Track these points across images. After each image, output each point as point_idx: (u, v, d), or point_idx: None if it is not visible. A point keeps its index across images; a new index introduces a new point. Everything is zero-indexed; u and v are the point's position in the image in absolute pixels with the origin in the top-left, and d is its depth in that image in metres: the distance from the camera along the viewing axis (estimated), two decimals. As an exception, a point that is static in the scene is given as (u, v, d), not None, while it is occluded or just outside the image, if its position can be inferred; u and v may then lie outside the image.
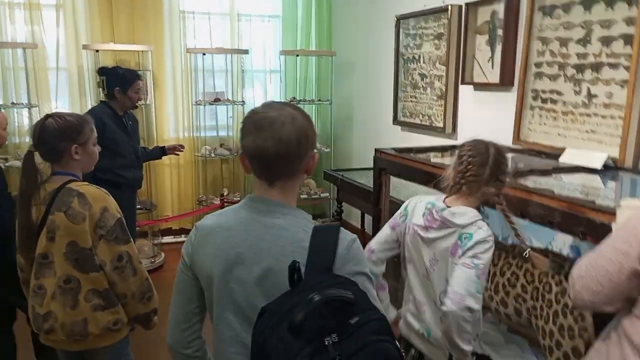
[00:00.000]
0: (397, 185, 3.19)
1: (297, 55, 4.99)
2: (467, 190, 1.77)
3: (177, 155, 4.13)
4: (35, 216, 1.85)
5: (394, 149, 3.03)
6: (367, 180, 4.11)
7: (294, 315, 1.01)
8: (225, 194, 4.88)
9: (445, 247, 1.76)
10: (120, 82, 3.45)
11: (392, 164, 2.93)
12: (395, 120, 4.40)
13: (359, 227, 4.71)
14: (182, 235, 5.32)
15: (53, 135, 1.84)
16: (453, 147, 2.37)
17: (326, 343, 0.99)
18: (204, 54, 4.59)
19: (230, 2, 5.08)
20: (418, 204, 1.91)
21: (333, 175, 4.35)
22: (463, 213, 1.75)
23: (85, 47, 4.25)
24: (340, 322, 1.02)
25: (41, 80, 4.43)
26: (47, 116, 1.89)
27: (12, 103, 4.25)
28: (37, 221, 1.85)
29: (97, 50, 4.20)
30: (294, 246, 1.18)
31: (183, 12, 4.94)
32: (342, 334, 1.01)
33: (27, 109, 4.24)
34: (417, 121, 4.14)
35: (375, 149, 3.07)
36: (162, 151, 3.95)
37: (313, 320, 1.01)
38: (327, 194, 5.17)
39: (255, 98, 5.25)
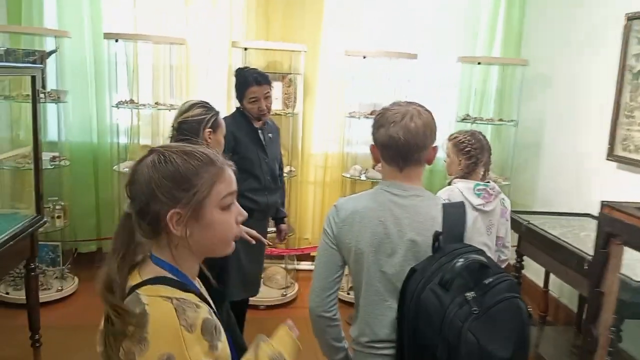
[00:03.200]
0: (631, 260, 2.15)
1: (479, 63, 4.03)
2: (477, 171, 2.46)
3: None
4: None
5: (637, 206, 1.99)
6: (561, 233, 3.05)
7: (444, 274, 1.29)
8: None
9: (498, 212, 2.44)
10: (236, 88, 2.78)
11: (631, 229, 1.90)
12: (611, 155, 3.24)
13: (542, 286, 3.62)
14: (320, 263, 4.68)
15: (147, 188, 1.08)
16: None
17: (467, 298, 1.27)
18: (364, 57, 3.86)
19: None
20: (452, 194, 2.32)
21: (514, 219, 3.33)
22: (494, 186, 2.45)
23: (234, 44, 3.79)
24: (476, 282, 1.30)
25: (188, 80, 4.09)
26: (151, 151, 1.09)
27: (156, 103, 3.94)
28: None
29: (245, 49, 3.70)
30: (430, 221, 1.45)
31: (344, 9, 4.28)
32: (479, 291, 1.28)
33: (168, 110, 3.89)
34: (648, 159, 2.96)
35: (602, 203, 2.05)
36: (279, 216, 3.17)
37: (457, 279, 1.28)
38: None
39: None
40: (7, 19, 3.87)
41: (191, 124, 2.09)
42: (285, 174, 4.02)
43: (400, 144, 1.43)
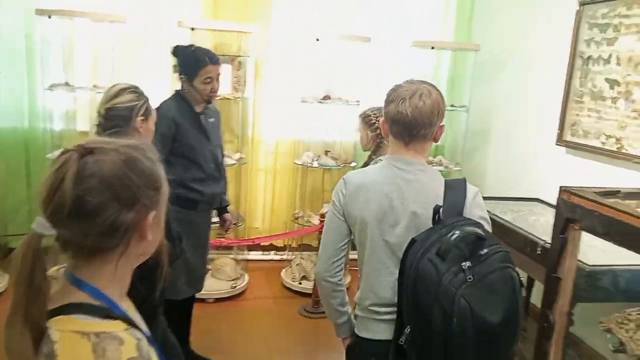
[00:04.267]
0: (587, 245, 2.15)
1: (432, 48, 3.99)
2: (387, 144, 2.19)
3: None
4: None
5: (595, 191, 1.98)
6: (512, 218, 3.07)
7: (441, 244, 1.37)
8: (325, 212, 4.02)
9: None
10: (185, 67, 2.54)
11: (590, 215, 1.89)
12: (560, 140, 3.28)
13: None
14: (272, 253, 4.56)
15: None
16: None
17: (463, 267, 1.35)
18: (317, 40, 3.73)
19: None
20: None
21: (468, 205, 3.32)
22: None
23: (180, 24, 3.55)
24: (472, 252, 1.39)
25: (129, 61, 3.83)
26: (88, 151, 0.87)
27: (94, 86, 3.66)
28: None
29: (192, 29, 3.49)
30: (433, 195, 1.53)
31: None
32: (474, 261, 1.37)
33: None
34: (597, 144, 3.00)
35: (561, 188, 2.03)
36: (222, 205, 2.97)
37: (454, 249, 1.36)
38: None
39: (373, 98, 4.32)
40: None
41: (121, 110, 1.89)
42: (234, 162, 3.87)
43: (408, 120, 1.51)
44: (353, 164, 4.09)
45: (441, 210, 1.47)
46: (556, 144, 3.31)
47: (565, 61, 3.24)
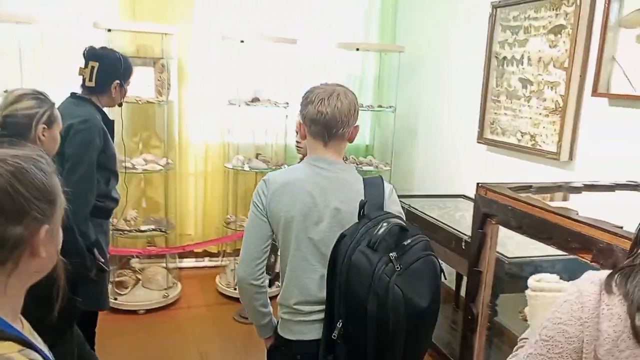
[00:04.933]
0: (505, 238, 2.24)
1: (357, 50, 4.04)
2: None
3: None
4: None
5: (509, 187, 2.07)
6: (439, 215, 3.17)
7: (371, 237, 1.45)
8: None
9: None
10: (120, 72, 2.43)
11: (505, 210, 1.97)
12: (481, 138, 3.41)
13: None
14: (206, 259, 4.47)
15: None
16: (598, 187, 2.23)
17: (391, 257, 1.43)
18: (242, 41, 3.68)
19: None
20: None
21: (396, 203, 3.39)
22: None
23: (96, 25, 3.40)
24: (397, 243, 1.47)
25: (40, 65, 3.62)
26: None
27: (5, 91, 3.43)
28: None
29: (109, 30, 3.35)
30: (354, 192, 1.62)
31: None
32: (400, 251, 1.46)
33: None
34: (514, 141, 3.15)
35: (478, 185, 2.11)
36: None
37: (382, 241, 1.44)
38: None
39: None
40: None
41: (20, 118, 1.75)
42: (161, 167, 3.76)
43: (327, 119, 1.57)
44: (284, 167, 4.08)
45: (365, 205, 1.54)
46: (477, 142, 3.44)
47: (482, 62, 3.37)
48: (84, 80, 2.39)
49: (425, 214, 3.12)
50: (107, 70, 2.39)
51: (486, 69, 3.36)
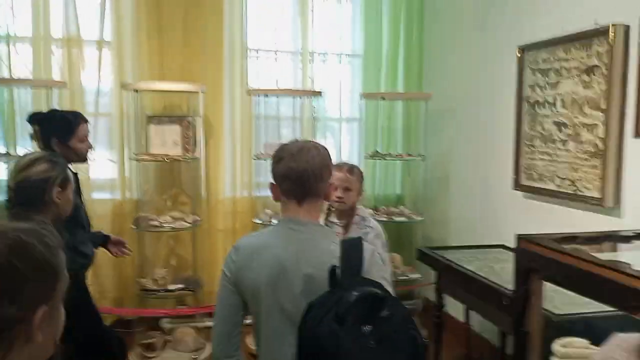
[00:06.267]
0: (551, 293, 2.07)
1: (383, 99, 4.00)
2: None
3: (118, 256, 2.95)
4: None
5: (552, 238, 1.92)
6: (477, 267, 2.99)
7: (338, 308, 1.26)
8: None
9: None
10: (57, 131, 2.51)
11: (549, 264, 1.82)
12: (517, 185, 3.26)
13: (464, 321, 3.53)
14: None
15: None
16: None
17: (363, 331, 1.25)
18: (266, 95, 3.69)
19: (303, 39, 4.23)
20: None
21: (431, 255, 3.24)
22: None
23: (124, 86, 3.47)
24: (372, 314, 1.28)
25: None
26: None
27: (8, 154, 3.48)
28: None
29: (136, 90, 3.40)
30: (328, 256, 1.42)
31: (247, 50, 4.13)
32: (375, 324, 1.27)
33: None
34: (552, 187, 2.99)
35: (518, 236, 1.97)
36: (103, 240, 2.85)
37: (353, 312, 1.25)
38: (418, 275, 4.01)
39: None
40: None
41: (34, 182, 1.75)
42: (189, 224, 3.72)
43: (299, 173, 1.47)
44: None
45: (337, 271, 1.37)
46: (514, 189, 3.29)
47: (513, 106, 3.27)
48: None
49: (462, 267, 2.95)
50: (50, 130, 2.51)
51: (517, 113, 3.25)
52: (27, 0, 3.60)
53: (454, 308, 3.69)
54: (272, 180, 1.55)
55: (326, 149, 1.55)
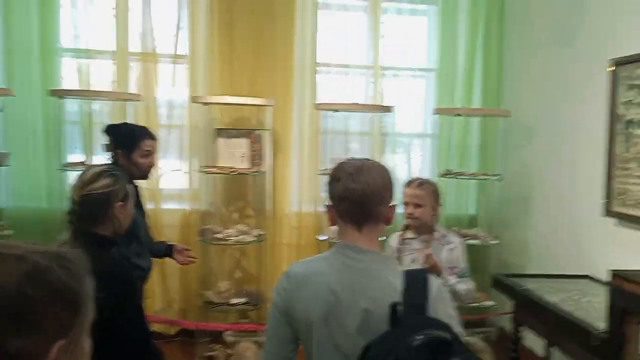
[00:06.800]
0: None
1: (458, 115, 3.80)
2: None
3: (185, 264, 2.95)
4: None
5: (654, 277, 1.67)
6: (561, 299, 2.71)
7: (399, 352, 1.09)
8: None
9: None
10: (122, 143, 2.52)
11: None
12: (609, 211, 2.95)
13: (543, 357, 3.23)
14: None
15: None
16: None
17: None
18: (335, 111, 3.60)
19: (374, 54, 4.12)
20: None
21: (508, 283, 2.99)
22: None
23: (194, 99, 3.51)
24: None
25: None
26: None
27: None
28: None
29: (204, 103, 3.42)
30: (388, 289, 1.27)
31: (317, 64, 4.07)
32: None
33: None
34: (650, 215, 2.67)
35: (613, 273, 1.73)
36: (168, 250, 2.86)
37: (415, 358, 1.07)
38: (493, 303, 3.74)
39: (396, 167, 4.14)
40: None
41: (98, 197, 1.73)
42: (253, 238, 3.68)
43: (358, 195, 1.33)
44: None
45: (399, 308, 1.22)
46: (604, 215, 2.98)
47: (603, 124, 2.98)
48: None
49: (544, 300, 2.68)
50: (116, 142, 2.55)
51: (609, 133, 2.95)
52: (108, 15, 3.74)
53: (532, 341, 3.40)
54: (328, 202, 1.41)
55: (386, 168, 1.41)
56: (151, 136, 2.59)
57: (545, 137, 3.69)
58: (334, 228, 1.42)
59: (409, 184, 2.47)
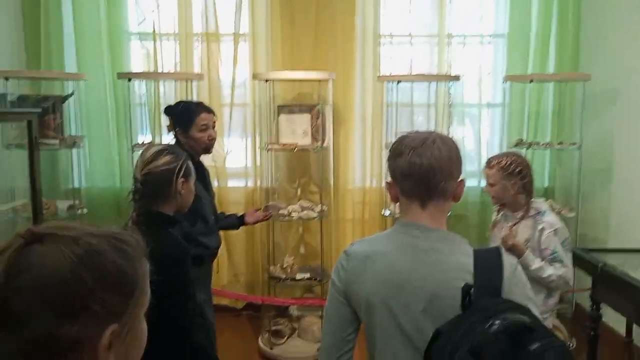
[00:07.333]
0: None
1: (531, 81, 3.56)
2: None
3: (266, 219, 3.09)
4: None
5: None
6: (646, 274, 2.49)
7: (474, 339, 1.01)
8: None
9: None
10: (180, 120, 2.54)
11: None
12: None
13: (624, 335, 3.02)
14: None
15: None
16: None
17: None
18: (399, 82, 3.48)
19: (440, 21, 3.94)
20: None
21: (587, 258, 2.79)
22: None
23: (255, 77, 3.51)
24: (518, 348, 1.00)
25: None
26: (39, 237, 0.73)
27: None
28: None
29: (266, 80, 3.41)
30: (456, 269, 1.19)
31: (380, 36, 3.96)
32: None
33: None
34: None
35: None
36: (239, 221, 2.93)
37: (493, 345, 1.00)
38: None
39: (465, 139, 3.97)
40: (27, 64, 3.78)
41: (160, 175, 1.75)
42: (316, 215, 3.66)
43: (423, 169, 1.22)
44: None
45: (472, 290, 1.13)
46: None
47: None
48: None
49: (627, 276, 2.48)
50: (175, 121, 2.58)
51: None
52: (172, -1, 3.82)
53: (613, 319, 3.18)
54: (389, 179, 1.32)
55: (453, 140, 1.30)
56: (207, 109, 2.59)
57: (629, 102, 3.40)
58: (397, 204, 1.34)
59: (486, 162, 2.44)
